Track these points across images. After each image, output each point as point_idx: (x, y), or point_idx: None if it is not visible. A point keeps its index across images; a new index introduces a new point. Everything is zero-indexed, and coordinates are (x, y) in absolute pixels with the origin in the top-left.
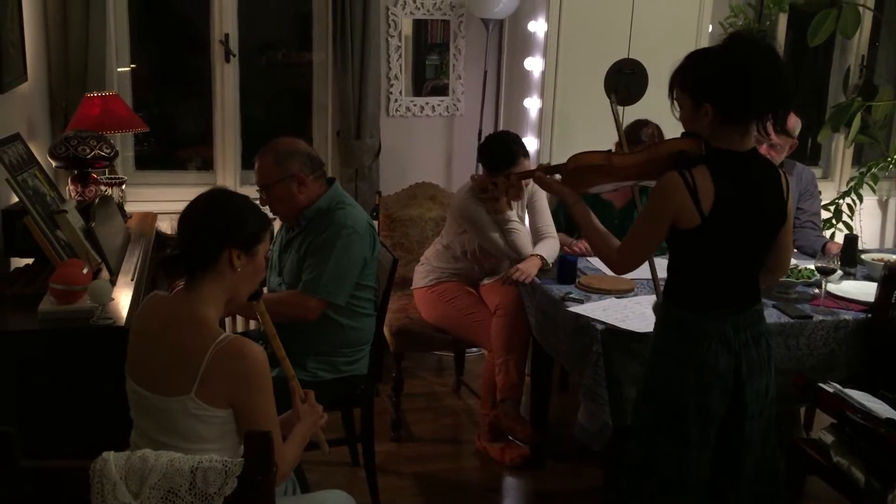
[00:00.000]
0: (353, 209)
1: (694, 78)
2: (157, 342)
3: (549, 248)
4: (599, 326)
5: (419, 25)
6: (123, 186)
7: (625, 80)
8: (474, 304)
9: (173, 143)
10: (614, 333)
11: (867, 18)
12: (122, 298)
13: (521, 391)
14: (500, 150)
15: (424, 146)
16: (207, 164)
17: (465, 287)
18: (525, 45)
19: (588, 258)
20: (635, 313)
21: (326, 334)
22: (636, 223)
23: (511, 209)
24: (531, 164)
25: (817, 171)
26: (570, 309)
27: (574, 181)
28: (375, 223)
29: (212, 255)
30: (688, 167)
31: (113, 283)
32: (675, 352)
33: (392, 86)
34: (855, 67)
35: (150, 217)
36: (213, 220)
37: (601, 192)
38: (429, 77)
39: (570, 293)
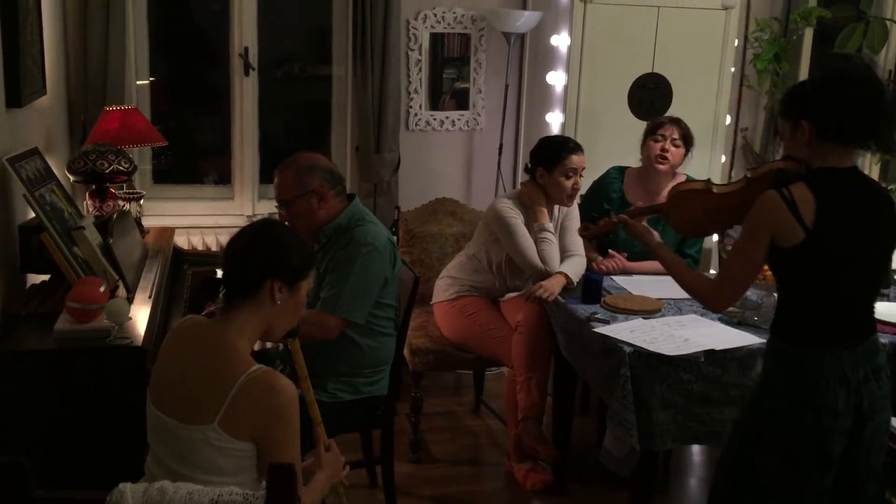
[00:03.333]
0: (374, 226)
1: (791, 99)
2: (184, 367)
3: (575, 266)
4: (627, 349)
5: (435, 39)
6: (141, 201)
7: (648, 95)
8: (495, 319)
9: (191, 156)
10: (642, 356)
11: (895, 32)
12: (140, 317)
13: (543, 410)
14: (554, 141)
15: (444, 161)
16: (225, 178)
17: (488, 301)
18: (547, 59)
19: (613, 277)
20: (664, 335)
21: (346, 354)
22: (732, 251)
23: (551, 220)
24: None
25: None
26: (596, 330)
27: (674, 214)
28: (395, 239)
29: (254, 284)
30: (785, 185)
31: (130, 300)
32: (789, 392)
33: (412, 100)
34: None
35: (168, 232)
36: (259, 249)
37: (705, 233)
38: (445, 90)
39: (596, 313)
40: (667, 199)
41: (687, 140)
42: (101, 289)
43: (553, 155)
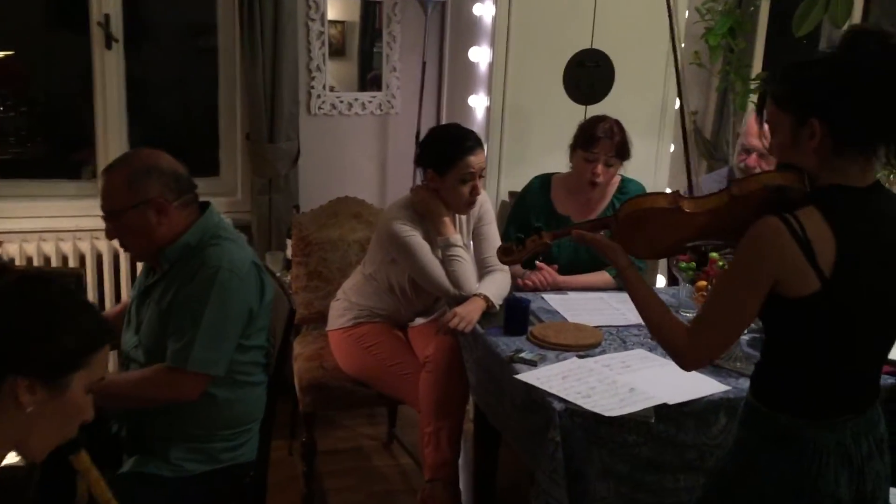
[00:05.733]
0: (233, 245)
1: (796, 86)
2: None
3: (497, 286)
4: (558, 406)
5: (369, 7)
6: None
7: (588, 75)
8: (400, 352)
9: (67, 145)
10: (577, 414)
11: (858, 5)
12: None
13: (457, 469)
14: (446, 135)
15: (354, 151)
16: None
17: (391, 330)
18: (470, 31)
19: (543, 295)
20: (604, 382)
21: (199, 414)
22: (713, 294)
23: (456, 231)
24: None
25: None
26: (518, 376)
27: (627, 234)
28: (288, 243)
29: None
30: (789, 210)
31: None
32: (778, 472)
33: (314, 79)
34: None
35: None
36: None
37: (662, 256)
38: (375, 67)
39: (521, 350)
40: (619, 216)
41: (622, 154)
42: None
43: (444, 156)
